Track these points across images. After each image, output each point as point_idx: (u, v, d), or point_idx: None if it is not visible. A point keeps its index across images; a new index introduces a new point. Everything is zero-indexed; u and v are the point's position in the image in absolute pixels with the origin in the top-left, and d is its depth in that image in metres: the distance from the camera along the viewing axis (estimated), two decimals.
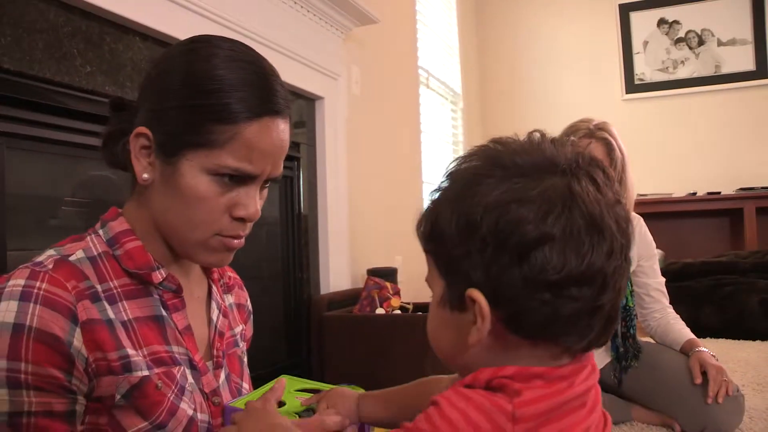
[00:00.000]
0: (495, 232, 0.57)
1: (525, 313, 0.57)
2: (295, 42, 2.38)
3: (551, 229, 0.55)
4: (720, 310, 3.56)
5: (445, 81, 4.55)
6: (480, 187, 0.59)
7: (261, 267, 2.36)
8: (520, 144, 0.64)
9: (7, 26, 1.33)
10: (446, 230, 0.60)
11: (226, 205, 0.83)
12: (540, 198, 0.57)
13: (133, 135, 0.83)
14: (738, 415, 1.93)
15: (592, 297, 0.57)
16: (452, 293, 0.62)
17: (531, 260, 0.56)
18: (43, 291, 0.74)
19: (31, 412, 0.71)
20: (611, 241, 0.57)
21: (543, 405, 0.57)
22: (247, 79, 0.82)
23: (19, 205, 1.42)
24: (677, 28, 4.93)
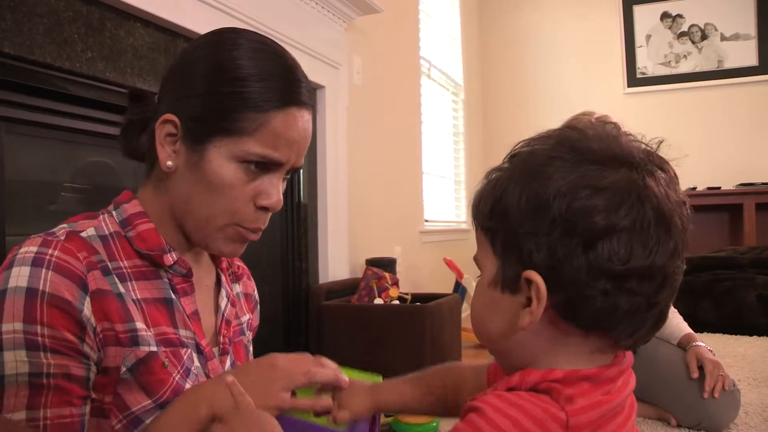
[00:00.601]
0: (565, 215, 0.56)
1: (583, 300, 0.56)
2: (297, 31, 2.37)
3: (622, 221, 0.55)
4: (718, 305, 3.56)
5: (446, 72, 4.54)
6: (553, 169, 0.58)
7: (260, 256, 2.36)
8: (596, 132, 0.62)
9: (7, 10, 1.32)
10: (513, 208, 0.59)
11: (250, 194, 0.84)
12: (613, 188, 0.56)
13: (160, 122, 0.84)
14: (734, 409, 1.93)
15: (652, 293, 0.57)
16: (507, 273, 0.60)
17: (598, 249, 0.55)
18: (55, 258, 0.75)
19: (50, 373, 0.72)
20: (676, 239, 0.57)
21: (595, 413, 0.56)
22: (275, 69, 0.84)
23: (19, 190, 1.41)
24: (680, 22, 4.91)
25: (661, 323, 0.61)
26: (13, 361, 0.71)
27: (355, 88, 3.00)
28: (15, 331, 0.71)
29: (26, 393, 0.70)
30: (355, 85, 3.01)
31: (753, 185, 4.39)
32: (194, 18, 1.80)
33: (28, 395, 0.71)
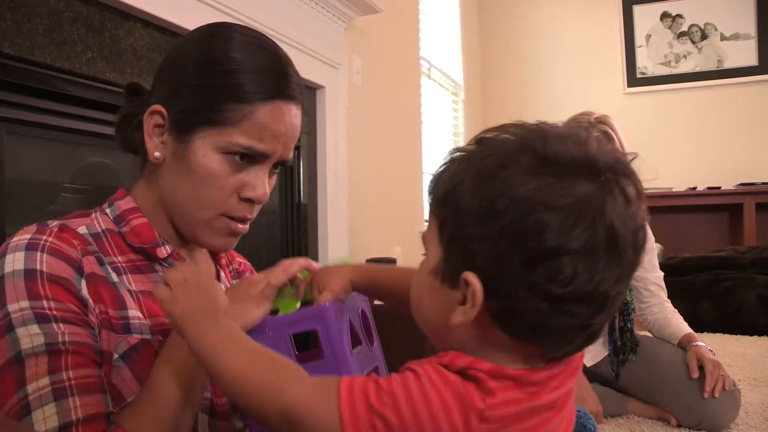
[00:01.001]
0: (515, 228, 0.54)
1: (517, 314, 0.56)
2: (297, 30, 2.37)
3: (571, 243, 0.53)
4: (718, 305, 3.56)
5: (446, 72, 4.53)
6: (511, 173, 0.56)
7: (260, 255, 2.36)
8: (565, 136, 0.59)
9: (7, 10, 1.32)
10: (465, 204, 0.57)
11: (235, 186, 0.84)
12: (568, 207, 0.54)
13: (148, 113, 0.85)
14: (734, 409, 1.93)
15: (588, 316, 0.56)
16: (448, 267, 0.59)
17: (541, 268, 0.53)
18: (50, 243, 0.77)
19: (65, 341, 0.72)
20: (625, 266, 0.56)
21: (511, 409, 0.56)
22: (263, 63, 0.84)
23: (19, 190, 1.41)
24: (680, 22, 4.91)
25: (592, 340, 0.60)
26: (27, 336, 0.71)
27: (354, 88, 3.00)
28: (22, 309, 0.72)
29: (46, 359, 0.71)
30: (355, 85, 3.01)
31: (753, 185, 4.39)
32: (194, 18, 1.80)
33: (48, 361, 0.71)
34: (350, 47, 2.93)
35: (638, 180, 0.58)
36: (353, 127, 2.92)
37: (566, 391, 0.61)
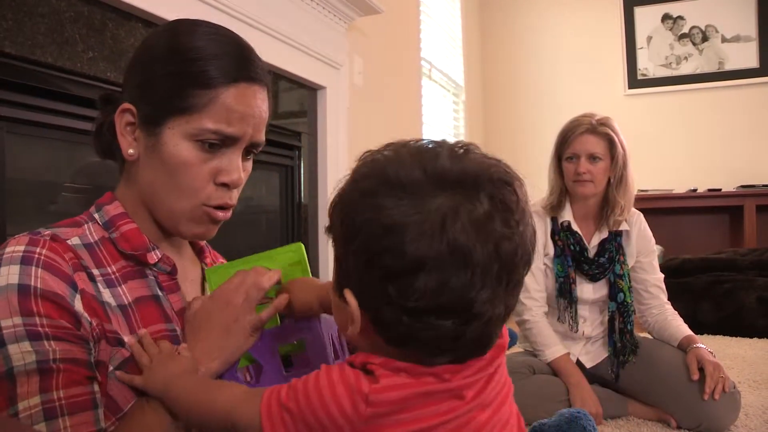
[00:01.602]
0: (366, 250, 0.58)
1: (386, 325, 0.60)
2: (298, 31, 2.37)
3: (416, 260, 0.56)
4: (718, 307, 3.56)
5: (447, 73, 4.53)
6: (366, 197, 0.60)
7: None
8: (412, 155, 0.61)
9: (8, 10, 1.32)
10: (335, 227, 0.64)
11: (209, 173, 0.85)
12: (412, 226, 0.56)
13: (118, 112, 0.86)
14: (734, 411, 1.93)
15: (454, 327, 0.58)
16: (337, 284, 0.65)
17: (394, 284, 0.57)
18: (44, 256, 0.77)
19: (56, 358, 0.73)
20: (483, 274, 0.57)
21: (396, 394, 0.59)
22: (224, 49, 0.85)
23: (19, 190, 1.41)
24: (681, 24, 4.91)
25: (483, 346, 0.62)
26: (19, 353, 0.71)
27: (355, 89, 3.00)
28: (15, 325, 0.72)
29: (37, 379, 0.71)
30: (356, 85, 3.01)
31: (754, 187, 4.39)
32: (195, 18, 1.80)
33: (39, 380, 0.71)
34: (351, 48, 2.93)
35: (504, 192, 0.60)
36: (354, 128, 2.93)
37: (480, 383, 0.63)
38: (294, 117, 2.53)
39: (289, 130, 2.48)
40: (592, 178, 2.08)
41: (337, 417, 0.59)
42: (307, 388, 0.62)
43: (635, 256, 2.19)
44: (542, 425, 1.30)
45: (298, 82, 2.47)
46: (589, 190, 2.10)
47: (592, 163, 2.08)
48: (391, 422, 0.59)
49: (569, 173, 2.13)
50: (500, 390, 0.66)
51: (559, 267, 2.14)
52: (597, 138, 2.09)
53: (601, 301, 2.19)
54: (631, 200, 2.15)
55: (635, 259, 2.20)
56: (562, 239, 2.16)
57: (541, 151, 2.20)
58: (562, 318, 2.16)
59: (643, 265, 2.20)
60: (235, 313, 0.84)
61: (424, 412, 0.59)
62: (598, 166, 2.08)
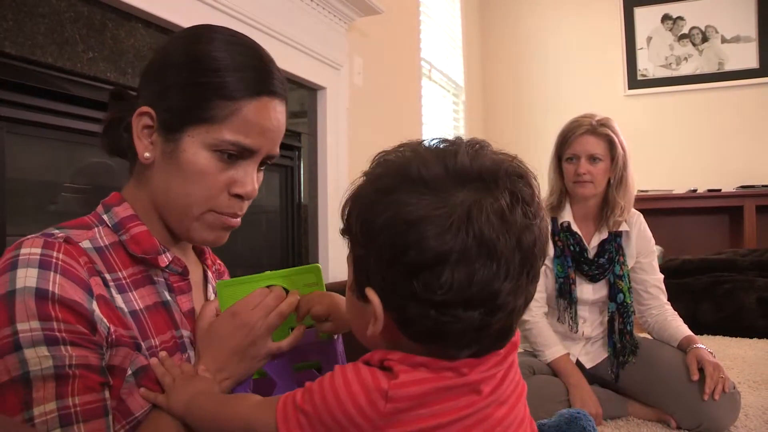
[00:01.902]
0: (390, 247, 0.59)
1: (411, 322, 0.60)
2: (298, 31, 2.37)
3: (442, 254, 0.57)
4: (718, 308, 3.56)
5: (447, 73, 4.53)
6: (386, 196, 0.61)
7: (260, 255, 2.36)
8: (432, 153, 0.63)
9: (8, 10, 1.32)
10: (353, 229, 0.64)
11: (224, 183, 0.86)
12: (437, 220, 0.58)
13: (136, 115, 0.86)
14: (734, 412, 1.93)
15: (481, 317, 0.59)
16: (357, 284, 0.65)
17: (420, 279, 0.58)
18: (61, 261, 0.76)
19: (72, 364, 0.73)
20: (507, 265, 0.58)
21: (416, 389, 0.60)
22: (247, 61, 0.86)
23: (19, 190, 1.41)
24: (681, 24, 4.91)
25: (504, 339, 0.64)
26: (36, 357, 0.71)
27: (355, 89, 3.00)
28: (32, 329, 0.72)
29: (53, 384, 0.72)
30: (356, 85, 3.01)
31: (753, 187, 4.39)
32: (195, 19, 1.80)
33: (56, 386, 0.72)
34: (351, 48, 2.93)
35: (526, 178, 0.63)
36: (354, 128, 2.93)
37: (497, 378, 0.64)
38: (294, 117, 2.53)
39: (289, 131, 2.48)
40: (592, 178, 2.08)
41: (355, 415, 0.59)
42: (323, 389, 0.62)
43: (635, 256, 2.19)
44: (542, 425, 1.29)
45: (298, 82, 2.47)
46: (588, 191, 2.10)
47: (592, 164, 2.08)
48: (411, 418, 0.59)
49: (569, 174, 2.13)
50: (515, 388, 0.67)
51: (559, 267, 2.14)
52: (597, 139, 2.09)
53: (601, 301, 2.19)
54: (631, 201, 2.15)
55: (635, 259, 2.19)
56: (561, 240, 2.16)
57: (541, 152, 2.20)
58: (561, 318, 2.16)
59: (643, 266, 2.20)
60: (253, 336, 0.85)
61: (443, 407, 0.60)
62: (598, 166, 2.08)
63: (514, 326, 0.64)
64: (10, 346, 0.71)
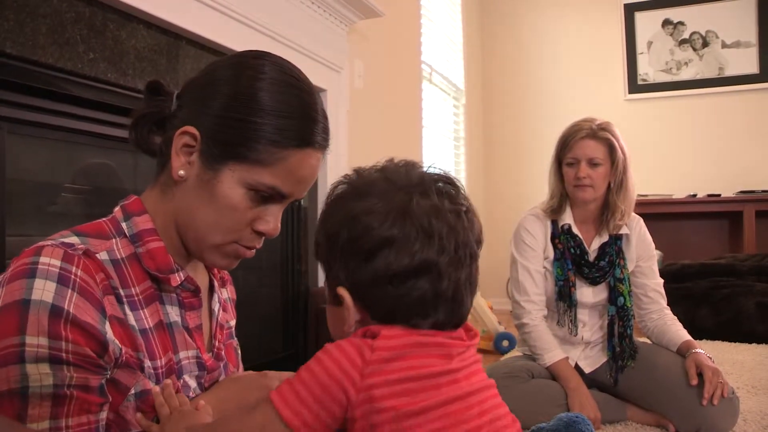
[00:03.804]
0: (349, 239, 0.72)
1: (377, 302, 0.72)
2: (299, 33, 2.37)
3: (387, 238, 0.71)
4: (717, 313, 3.56)
5: (447, 76, 4.54)
6: (340, 206, 0.76)
7: (259, 258, 2.36)
8: (373, 172, 0.78)
9: (10, 10, 1.32)
10: (320, 242, 0.77)
11: (251, 219, 0.87)
12: (383, 211, 0.72)
13: (180, 132, 0.86)
14: (733, 417, 1.93)
15: (430, 287, 0.71)
16: (330, 290, 0.77)
17: (377, 259, 0.71)
18: (79, 279, 0.77)
19: (72, 385, 0.74)
20: (441, 242, 0.71)
21: (396, 341, 0.70)
22: (300, 109, 0.87)
23: (20, 190, 1.41)
24: (682, 29, 4.92)
25: (457, 313, 0.74)
26: (37, 374, 0.72)
27: (356, 92, 3.00)
28: (39, 345, 0.72)
29: (49, 404, 0.72)
30: (356, 88, 3.02)
31: (753, 192, 4.39)
32: (196, 20, 1.80)
33: (51, 405, 0.72)
34: (352, 51, 2.93)
35: (449, 180, 0.77)
36: (354, 131, 2.93)
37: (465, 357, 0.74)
38: None
39: None
40: (592, 182, 2.08)
41: (347, 366, 0.68)
42: (318, 357, 0.70)
43: (635, 260, 2.19)
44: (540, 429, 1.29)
45: None
46: (588, 195, 2.10)
47: (592, 168, 2.08)
48: (393, 367, 0.69)
49: (569, 178, 2.13)
50: (484, 380, 0.76)
51: (559, 270, 2.14)
52: (597, 143, 2.09)
53: (601, 305, 2.19)
54: (631, 205, 2.15)
55: (635, 263, 2.20)
56: (562, 242, 2.16)
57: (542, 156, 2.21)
58: (561, 322, 2.16)
59: (643, 270, 2.20)
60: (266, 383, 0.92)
61: (419, 361, 0.70)
62: (598, 170, 2.08)
63: (465, 300, 0.75)
64: (15, 356, 0.71)
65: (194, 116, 0.86)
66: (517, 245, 2.21)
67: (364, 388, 0.67)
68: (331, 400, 0.68)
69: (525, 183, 5.08)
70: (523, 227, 2.21)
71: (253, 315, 2.26)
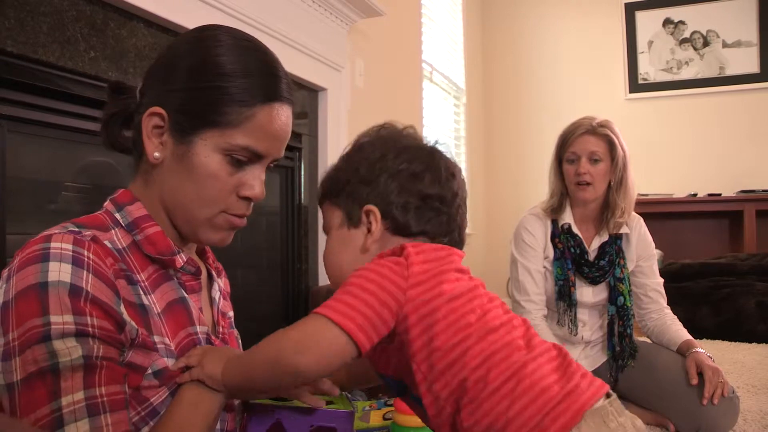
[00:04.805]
0: (392, 168, 0.87)
1: (405, 212, 0.85)
2: (300, 32, 2.37)
3: (424, 169, 0.87)
4: (717, 312, 3.56)
5: (448, 76, 4.54)
6: (380, 142, 0.92)
7: (260, 256, 2.36)
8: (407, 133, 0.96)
9: (10, 9, 1.32)
10: (352, 175, 0.89)
11: (234, 185, 0.88)
12: (414, 151, 0.90)
13: (147, 114, 0.86)
14: (733, 416, 1.93)
15: (447, 210, 0.87)
16: (350, 214, 0.87)
17: (413, 183, 0.86)
18: (92, 261, 0.77)
19: (99, 356, 0.74)
20: (458, 182, 0.90)
21: (421, 248, 0.82)
22: (260, 66, 0.88)
23: (20, 189, 1.42)
24: (682, 29, 4.92)
25: (461, 234, 0.90)
26: (65, 348, 0.72)
27: (356, 91, 3.00)
28: (66, 323, 0.73)
29: (81, 374, 0.73)
30: (357, 87, 3.02)
31: (753, 192, 4.39)
32: (197, 19, 1.80)
33: (84, 376, 0.73)
34: (352, 50, 2.93)
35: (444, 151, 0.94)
36: (355, 130, 2.90)
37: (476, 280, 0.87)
38: (295, 118, 2.50)
39: None
40: (593, 179, 2.08)
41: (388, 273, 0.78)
42: (359, 272, 0.79)
43: (635, 260, 2.19)
44: None
45: (299, 83, 2.47)
46: (589, 195, 2.10)
47: (593, 164, 2.08)
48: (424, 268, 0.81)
49: (570, 175, 2.13)
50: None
51: (559, 270, 2.14)
52: (597, 139, 2.09)
53: (601, 305, 2.19)
54: (631, 203, 2.15)
55: (635, 263, 2.20)
56: (562, 242, 2.16)
57: (542, 155, 2.21)
58: (561, 321, 2.16)
59: (643, 270, 2.20)
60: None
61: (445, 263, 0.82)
62: (598, 167, 2.08)
63: (464, 230, 0.91)
64: (39, 336, 0.72)
65: (159, 97, 0.87)
66: (518, 245, 2.21)
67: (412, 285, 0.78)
68: (388, 312, 0.76)
69: (525, 182, 5.08)
70: (524, 227, 2.21)
71: (254, 314, 2.26)
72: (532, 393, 0.73)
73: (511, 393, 0.73)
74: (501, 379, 0.74)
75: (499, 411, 0.72)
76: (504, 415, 0.72)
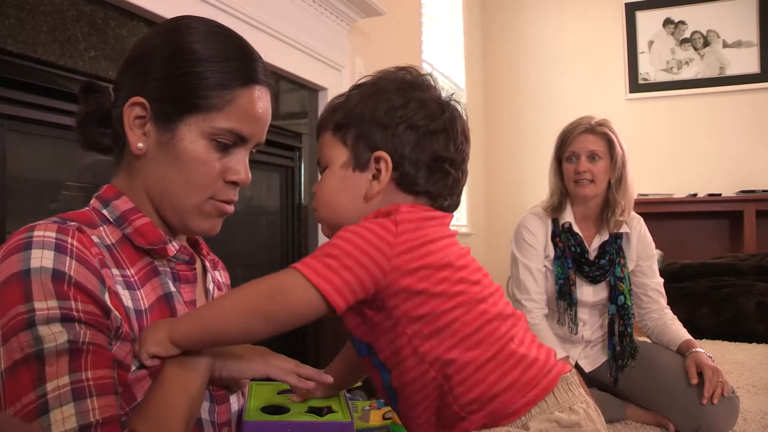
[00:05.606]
0: (407, 120, 0.86)
1: (415, 167, 0.86)
2: (300, 32, 2.37)
3: (443, 130, 0.87)
4: (717, 312, 3.56)
5: (448, 75, 4.54)
6: (402, 90, 0.88)
7: (260, 256, 2.36)
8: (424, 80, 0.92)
9: (11, 8, 1.32)
10: (366, 112, 0.87)
11: (220, 170, 0.88)
12: (433, 106, 0.88)
13: (128, 105, 0.86)
14: (732, 416, 1.93)
15: (454, 172, 0.88)
16: (359, 156, 0.87)
17: (429, 142, 0.86)
18: (76, 248, 0.77)
19: (86, 341, 0.73)
20: (461, 145, 0.89)
21: (414, 214, 0.83)
22: (236, 51, 0.89)
23: (20, 188, 1.41)
24: (683, 29, 4.92)
25: (457, 188, 0.91)
26: (50, 333, 0.71)
27: None
28: (50, 308, 0.72)
29: (66, 358, 0.71)
30: None
31: (754, 192, 4.39)
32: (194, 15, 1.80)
33: (69, 360, 0.71)
34: (352, 49, 2.93)
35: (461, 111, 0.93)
36: None
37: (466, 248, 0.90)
38: (295, 118, 2.53)
39: (290, 131, 2.48)
40: (593, 177, 2.08)
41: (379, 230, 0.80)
42: (349, 229, 0.81)
43: (635, 260, 2.19)
44: None
45: (299, 83, 2.47)
46: (589, 192, 2.10)
47: (592, 162, 2.09)
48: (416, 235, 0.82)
49: (569, 173, 2.13)
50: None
51: (559, 269, 2.14)
52: (596, 137, 2.10)
53: (601, 304, 2.19)
54: (631, 201, 2.15)
55: (635, 263, 2.20)
56: (563, 241, 2.16)
57: (542, 154, 2.21)
58: (561, 320, 2.16)
59: (643, 269, 2.20)
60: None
61: (434, 230, 0.84)
62: (598, 165, 2.08)
63: (459, 182, 0.91)
64: (24, 323, 0.71)
65: (136, 89, 0.87)
66: (518, 244, 2.21)
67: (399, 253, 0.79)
68: (369, 278, 0.77)
69: (526, 182, 5.08)
70: (524, 226, 2.21)
71: None
72: (525, 363, 0.82)
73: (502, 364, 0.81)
74: (491, 351, 0.81)
75: (492, 381, 0.80)
76: (496, 385, 0.80)
